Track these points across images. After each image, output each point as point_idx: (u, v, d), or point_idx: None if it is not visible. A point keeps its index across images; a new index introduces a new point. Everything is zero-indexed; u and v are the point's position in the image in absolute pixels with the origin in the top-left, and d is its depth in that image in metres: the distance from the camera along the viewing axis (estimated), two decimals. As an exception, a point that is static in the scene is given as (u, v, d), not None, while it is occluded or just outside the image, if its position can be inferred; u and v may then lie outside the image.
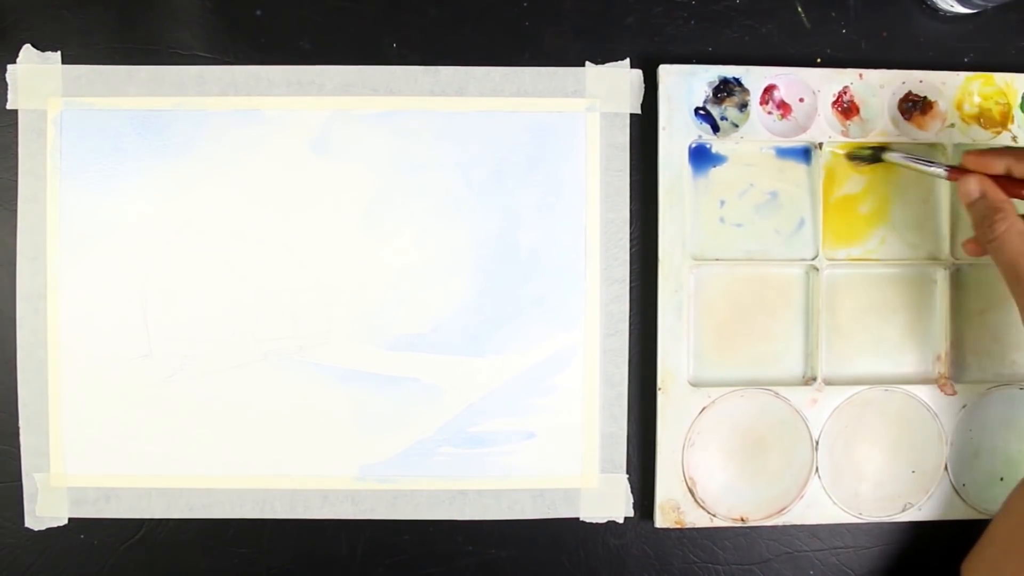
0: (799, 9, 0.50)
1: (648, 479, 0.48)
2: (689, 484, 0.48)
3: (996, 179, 0.42)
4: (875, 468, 0.49)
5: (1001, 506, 0.44)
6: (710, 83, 0.48)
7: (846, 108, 0.49)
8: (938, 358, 0.50)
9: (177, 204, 0.48)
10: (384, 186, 0.48)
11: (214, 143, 0.48)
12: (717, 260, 0.49)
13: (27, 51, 0.47)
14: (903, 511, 0.49)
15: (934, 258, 0.50)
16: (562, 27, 0.49)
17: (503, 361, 0.48)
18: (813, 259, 0.49)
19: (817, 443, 0.48)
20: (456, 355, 0.48)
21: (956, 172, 0.44)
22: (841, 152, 0.49)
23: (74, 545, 0.48)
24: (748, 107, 0.48)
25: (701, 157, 0.49)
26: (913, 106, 0.49)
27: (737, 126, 0.49)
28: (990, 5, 0.49)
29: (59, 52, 0.47)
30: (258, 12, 0.48)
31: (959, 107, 0.49)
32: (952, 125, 0.49)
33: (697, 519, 0.48)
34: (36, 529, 0.47)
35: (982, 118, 0.50)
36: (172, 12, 0.48)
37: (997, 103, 0.50)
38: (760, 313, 0.50)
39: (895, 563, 0.50)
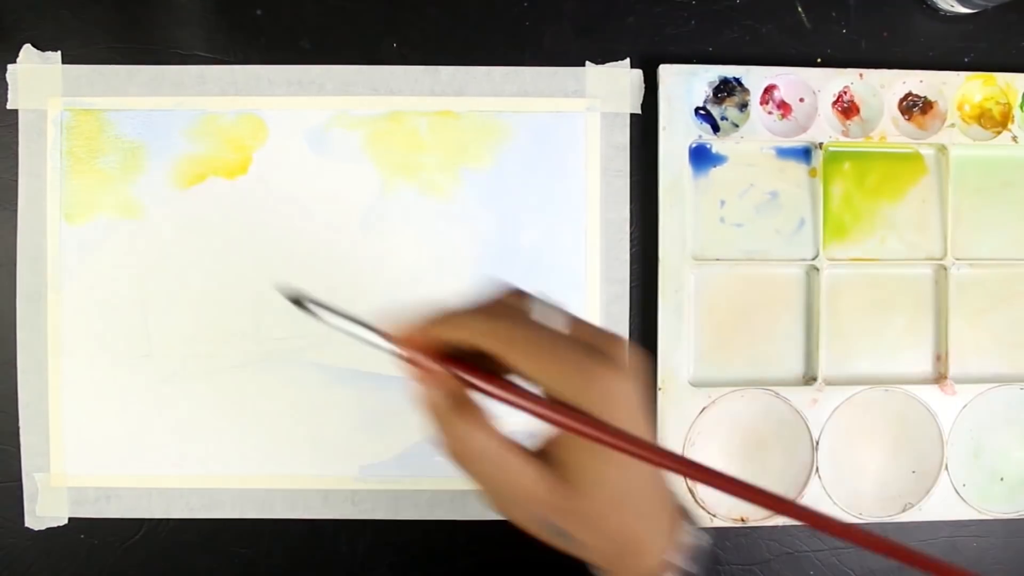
0: (799, 9, 0.50)
1: (648, 479, 0.48)
2: (689, 484, 0.48)
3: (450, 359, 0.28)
4: (875, 468, 0.49)
5: None
6: (710, 83, 0.48)
7: (846, 108, 0.49)
8: (938, 358, 0.50)
9: (177, 204, 0.48)
10: (384, 186, 0.48)
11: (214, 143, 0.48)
12: (717, 260, 0.49)
13: (27, 51, 0.47)
14: (903, 511, 0.49)
15: (934, 258, 0.50)
16: (562, 27, 0.49)
17: (503, 361, 0.48)
18: (813, 259, 0.49)
19: (817, 443, 0.48)
20: (456, 355, 0.48)
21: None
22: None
23: (74, 545, 0.48)
24: (748, 107, 0.48)
25: (701, 157, 0.49)
26: (913, 106, 0.49)
27: (737, 126, 0.48)
28: (990, 5, 0.48)
29: (59, 52, 0.47)
30: (258, 12, 0.48)
31: (959, 107, 0.49)
32: (952, 125, 0.49)
33: (697, 519, 0.48)
34: (36, 529, 0.47)
35: (982, 118, 0.50)
36: (172, 12, 0.48)
37: (997, 103, 0.50)
38: (760, 313, 0.49)
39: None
